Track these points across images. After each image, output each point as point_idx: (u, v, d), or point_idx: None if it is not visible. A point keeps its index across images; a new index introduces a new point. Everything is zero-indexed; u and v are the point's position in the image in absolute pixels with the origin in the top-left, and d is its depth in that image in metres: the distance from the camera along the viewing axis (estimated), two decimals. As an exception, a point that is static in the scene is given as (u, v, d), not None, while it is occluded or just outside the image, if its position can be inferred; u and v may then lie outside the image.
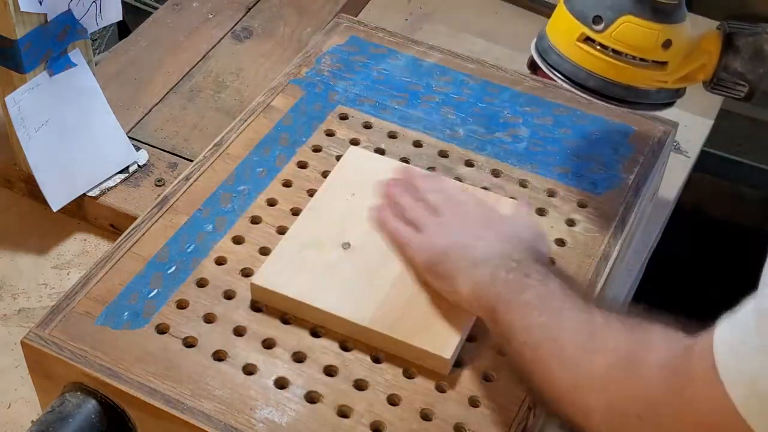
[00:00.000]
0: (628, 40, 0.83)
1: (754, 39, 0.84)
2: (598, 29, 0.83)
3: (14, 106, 0.97)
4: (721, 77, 0.85)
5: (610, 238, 0.90)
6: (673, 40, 0.83)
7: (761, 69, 0.84)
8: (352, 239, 0.85)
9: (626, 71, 0.84)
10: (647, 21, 0.82)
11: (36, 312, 0.99)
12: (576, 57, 0.85)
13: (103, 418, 0.77)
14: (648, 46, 0.83)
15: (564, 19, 0.85)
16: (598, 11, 0.83)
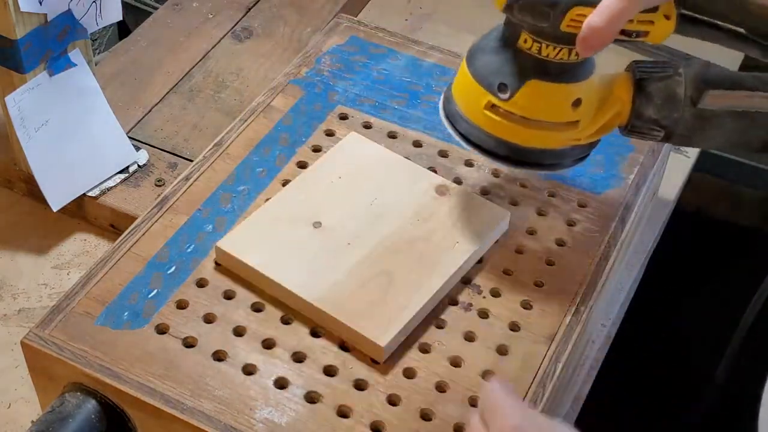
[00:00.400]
0: (535, 105, 0.78)
1: (665, 83, 0.79)
2: (504, 97, 0.78)
3: (14, 106, 0.97)
4: (635, 124, 0.80)
5: (610, 238, 0.90)
6: (583, 98, 0.78)
7: (675, 114, 0.79)
8: (325, 219, 0.86)
9: (537, 136, 0.80)
10: (553, 83, 0.77)
11: (36, 312, 0.99)
12: (485, 124, 0.80)
13: (103, 418, 0.77)
14: (557, 108, 0.79)
15: (469, 85, 0.80)
16: (502, 78, 0.78)
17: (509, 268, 0.87)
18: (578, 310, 0.84)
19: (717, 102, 0.79)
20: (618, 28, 0.72)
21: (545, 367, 0.80)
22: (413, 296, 0.81)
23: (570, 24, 0.73)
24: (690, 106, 0.79)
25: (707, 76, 0.79)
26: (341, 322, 0.79)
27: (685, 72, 0.80)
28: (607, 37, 0.72)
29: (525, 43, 0.77)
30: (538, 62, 0.77)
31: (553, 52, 0.76)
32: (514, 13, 0.74)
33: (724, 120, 0.80)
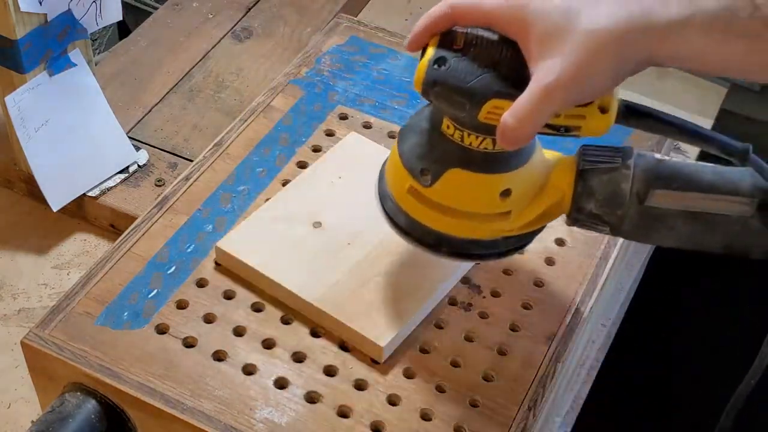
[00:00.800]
0: (458, 195, 0.72)
1: (610, 177, 0.72)
2: (425, 184, 0.72)
3: (14, 106, 0.97)
4: (577, 217, 0.74)
5: (610, 238, 0.90)
6: (513, 188, 0.72)
7: (618, 211, 0.72)
8: (325, 219, 0.86)
9: (462, 225, 0.74)
10: (478, 173, 0.71)
11: (36, 312, 0.99)
12: (409, 209, 0.75)
13: (103, 419, 0.77)
14: (482, 199, 0.72)
15: (396, 165, 0.74)
16: (424, 164, 0.72)
17: (509, 268, 0.87)
18: (578, 310, 0.84)
19: (666, 202, 0.72)
20: (535, 129, 0.66)
21: (545, 367, 0.80)
22: (413, 296, 0.81)
23: (488, 116, 0.67)
24: (637, 203, 0.72)
25: (659, 171, 0.72)
26: (341, 322, 0.79)
27: (636, 164, 0.72)
28: (525, 136, 0.66)
29: (448, 129, 0.71)
30: (461, 150, 0.71)
31: (476, 141, 0.70)
32: (431, 99, 0.69)
33: (675, 221, 0.72)
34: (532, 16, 0.65)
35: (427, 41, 0.69)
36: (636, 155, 0.73)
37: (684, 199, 0.71)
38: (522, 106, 0.64)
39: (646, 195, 0.71)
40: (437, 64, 0.67)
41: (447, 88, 0.67)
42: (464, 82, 0.66)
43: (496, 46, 0.68)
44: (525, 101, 0.64)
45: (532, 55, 0.65)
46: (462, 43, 0.68)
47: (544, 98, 0.64)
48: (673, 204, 0.72)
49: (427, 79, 0.67)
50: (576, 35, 0.63)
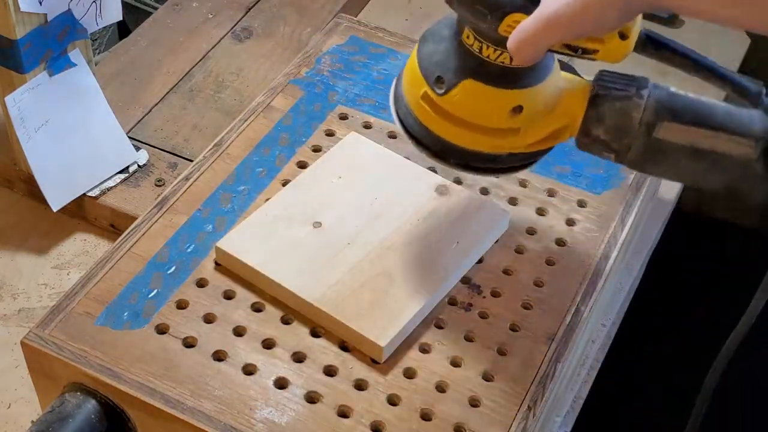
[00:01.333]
0: (470, 106, 0.73)
1: (621, 105, 0.72)
2: (439, 92, 0.73)
3: (14, 106, 0.97)
4: (583, 141, 0.75)
5: (610, 238, 0.90)
6: (525, 106, 0.73)
7: (626, 139, 0.72)
8: (325, 219, 0.86)
9: (471, 137, 0.74)
10: (492, 87, 0.72)
11: (36, 312, 0.99)
12: (421, 115, 0.75)
13: (103, 419, 0.77)
14: (493, 113, 0.73)
15: (413, 69, 0.75)
16: (441, 72, 0.73)
17: (509, 268, 0.87)
18: (578, 310, 0.84)
19: (674, 136, 0.72)
20: (537, 53, 0.67)
21: (545, 367, 0.80)
22: (413, 296, 0.81)
23: (507, 29, 0.68)
24: (644, 134, 0.72)
25: (671, 103, 0.72)
26: (341, 322, 0.79)
27: (650, 95, 0.72)
28: (528, 57, 0.67)
29: (468, 38, 0.72)
30: (478, 62, 0.72)
31: (493, 54, 0.71)
32: (454, 6, 0.69)
33: (680, 156, 0.73)
34: None
35: None
36: (652, 86, 0.73)
37: (690, 134, 0.71)
38: (525, 27, 0.65)
39: (655, 126, 0.71)
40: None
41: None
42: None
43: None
44: (528, 23, 0.65)
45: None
46: None
47: (547, 23, 0.65)
48: (680, 138, 0.72)
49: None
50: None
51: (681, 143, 0.72)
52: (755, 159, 0.71)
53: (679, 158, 0.73)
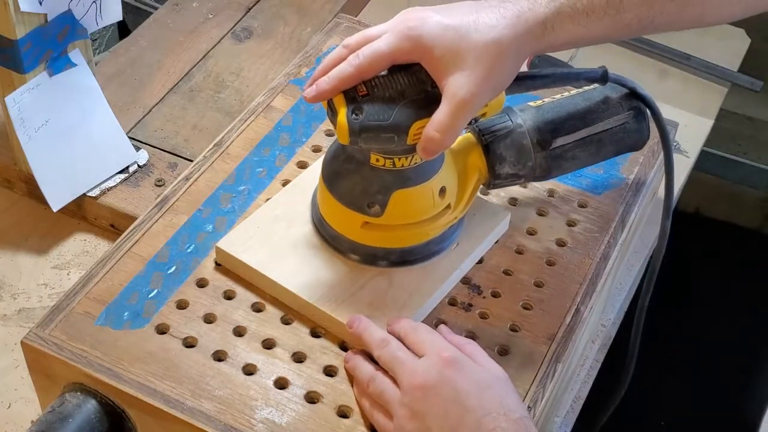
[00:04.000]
0: (408, 211, 0.81)
1: (512, 139, 0.82)
2: (376, 213, 0.80)
3: (14, 106, 0.97)
4: (497, 183, 0.84)
5: (610, 238, 0.90)
6: (447, 184, 0.81)
7: (530, 162, 0.83)
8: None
9: (419, 233, 0.82)
10: (417, 186, 0.79)
11: (36, 312, 0.99)
12: (368, 240, 0.82)
13: (103, 419, 0.77)
14: (427, 205, 0.81)
15: (339, 210, 0.82)
16: (368, 199, 0.80)
17: (509, 269, 0.87)
18: (578, 310, 0.84)
19: (564, 141, 0.84)
20: (457, 136, 0.75)
21: (545, 367, 0.80)
22: (413, 297, 0.81)
23: (415, 138, 0.74)
24: (540, 151, 0.83)
25: (546, 118, 0.83)
26: (341, 322, 0.79)
27: (524, 121, 0.83)
28: (449, 144, 0.74)
29: (377, 161, 0.78)
30: (396, 174, 0.79)
31: (407, 161, 0.78)
32: (360, 145, 0.75)
33: (574, 152, 0.85)
34: (429, 41, 0.73)
35: (331, 97, 0.75)
36: (517, 111, 0.84)
37: (577, 135, 0.84)
38: (443, 119, 0.73)
39: (546, 142, 0.83)
40: (354, 114, 0.74)
41: (373, 131, 0.74)
42: (386, 119, 0.74)
43: (394, 80, 0.75)
44: (445, 115, 0.73)
45: (439, 71, 0.73)
46: (365, 89, 0.75)
47: (462, 109, 0.73)
48: (570, 140, 0.84)
49: (353, 130, 0.74)
50: (474, 50, 0.73)
51: (572, 144, 0.84)
52: (627, 121, 0.86)
53: (576, 154, 0.85)
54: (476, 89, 0.73)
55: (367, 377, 0.75)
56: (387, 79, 0.75)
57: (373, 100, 0.74)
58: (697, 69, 1.32)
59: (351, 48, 0.76)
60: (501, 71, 0.75)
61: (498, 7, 0.75)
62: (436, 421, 0.70)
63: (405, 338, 0.76)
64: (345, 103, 0.74)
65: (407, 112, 0.74)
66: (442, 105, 0.73)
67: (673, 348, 1.78)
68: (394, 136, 0.74)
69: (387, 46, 0.74)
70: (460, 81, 0.73)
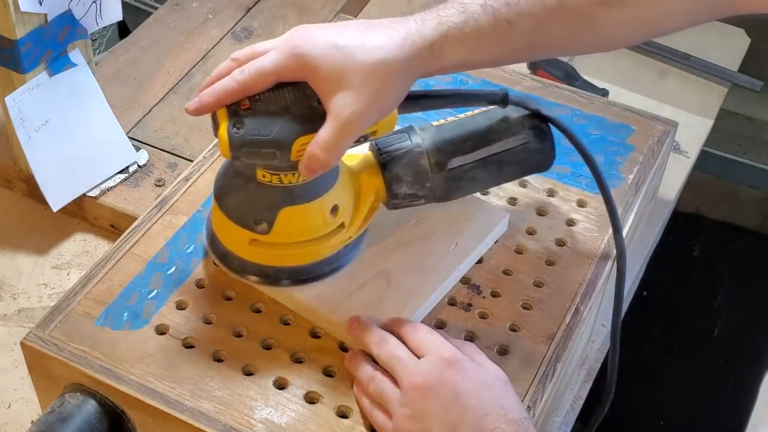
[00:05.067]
0: (296, 229, 0.79)
1: (409, 158, 0.81)
2: (264, 231, 0.78)
3: (14, 106, 0.97)
4: (395, 203, 0.82)
5: (610, 238, 0.90)
6: (339, 203, 0.79)
7: (428, 183, 0.81)
8: None
9: (309, 251, 0.80)
10: (306, 204, 0.78)
11: (36, 312, 0.99)
12: (256, 258, 0.81)
13: (103, 419, 0.77)
14: (318, 224, 0.79)
15: (228, 226, 0.80)
16: (255, 216, 0.78)
17: (509, 268, 0.87)
18: (578, 310, 0.84)
19: (462, 161, 0.82)
20: (342, 155, 0.73)
21: (545, 367, 0.80)
22: (412, 297, 0.81)
23: (298, 154, 0.73)
24: (438, 171, 0.81)
25: (445, 138, 0.82)
26: (340, 323, 0.79)
27: (423, 140, 0.81)
28: (333, 163, 0.73)
29: (264, 177, 0.77)
30: (283, 191, 0.77)
31: (294, 178, 0.76)
32: (242, 160, 0.74)
33: (474, 173, 0.83)
34: (314, 60, 0.72)
35: (215, 110, 0.74)
36: (417, 130, 0.82)
37: (476, 155, 0.82)
38: (328, 137, 0.72)
39: (445, 164, 0.81)
40: (236, 128, 0.72)
41: (254, 145, 0.72)
42: (267, 134, 0.72)
43: (279, 94, 0.73)
44: (329, 133, 0.72)
45: (325, 90, 0.72)
46: (248, 103, 0.73)
47: (347, 128, 0.72)
48: (468, 160, 0.82)
49: (233, 145, 0.72)
50: (360, 70, 0.72)
51: (470, 163, 0.82)
52: (528, 141, 0.83)
53: (475, 175, 0.83)
54: (362, 109, 0.72)
55: (367, 377, 0.75)
56: (272, 93, 0.73)
57: (256, 114, 0.73)
58: (697, 69, 1.32)
59: (239, 62, 0.75)
60: (388, 92, 0.74)
61: (387, 28, 0.74)
62: (436, 421, 0.70)
63: (405, 338, 0.76)
64: (227, 117, 0.73)
65: (290, 127, 0.72)
66: (327, 123, 0.72)
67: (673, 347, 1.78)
68: (276, 152, 0.72)
69: (272, 64, 0.73)
70: (346, 100, 0.71)
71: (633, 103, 1.03)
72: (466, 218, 0.87)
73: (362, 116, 0.72)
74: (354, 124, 0.72)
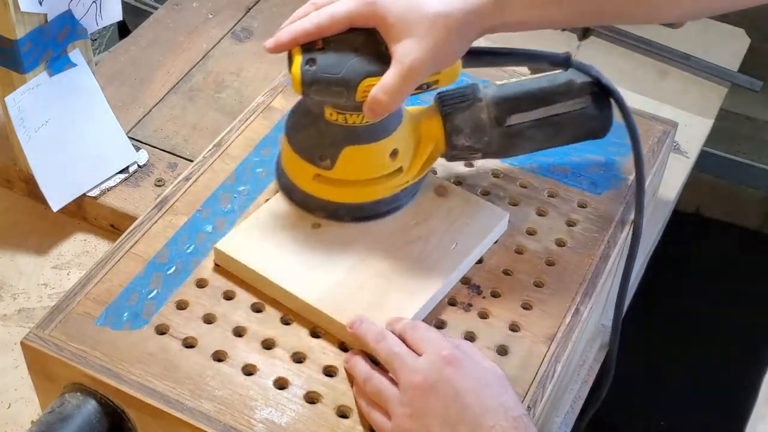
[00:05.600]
0: (357, 168, 0.83)
1: (470, 112, 0.84)
2: (326, 166, 0.82)
3: (14, 106, 0.97)
4: (453, 154, 0.86)
5: (610, 238, 0.90)
6: (399, 147, 0.83)
7: (485, 137, 0.85)
8: (323, 220, 0.87)
9: (369, 191, 0.85)
10: (368, 144, 0.82)
11: (36, 312, 0.99)
12: (319, 192, 0.85)
13: (103, 419, 0.77)
14: (378, 165, 0.83)
15: (295, 160, 0.85)
16: (320, 152, 0.82)
17: (509, 269, 0.87)
18: (578, 310, 0.84)
19: (521, 119, 0.85)
20: (404, 99, 0.78)
21: (545, 367, 0.80)
22: (412, 297, 0.81)
23: (364, 95, 0.77)
24: (496, 126, 0.85)
25: (506, 95, 0.85)
26: (341, 323, 0.79)
27: (484, 96, 0.85)
28: (395, 106, 0.77)
29: (331, 116, 0.81)
30: (348, 130, 0.81)
31: (358, 119, 0.80)
32: (311, 96, 0.78)
33: (531, 131, 0.86)
34: (383, 8, 0.77)
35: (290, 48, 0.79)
36: (482, 87, 0.86)
37: (534, 114, 0.86)
38: (390, 82, 0.76)
39: (503, 118, 0.85)
40: (308, 65, 0.77)
41: (324, 83, 0.77)
42: (337, 73, 0.77)
43: (351, 37, 0.78)
44: (392, 78, 0.76)
45: (391, 37, 0.76)
46: (321, 44, 0.78)
47: (409, 74, 0.76)
48: (526, 118, 0.86)
49: (305, 80, 0.77)
50: (424, 19, 0.76)
51: (528, 121, 0.86)
52: (587, 106, 0.87)
53: (531, 133, 0.86)
54: (424, 57, 0.76)
55: (364, 376, 0.75)
56: (344, 36, 0.78)
57: (328, 53, 0.77)
58: (697, 69, 1.32)
59: (317, 5, 0.79)
60: (449, 43, 0.77)
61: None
62: (437, 420, 0.70)
63: (404, 336, 0.76)
64: (301, 54, 0.77)
65: (358, 68, 0.77)
66: (391, 69, 0.76)
67: (672, 347, 1.78)
68: (344, 91, 0.77)
69: (345, 9, 0.77)
70: (409, 47, 0.76)
71: (633, 103, 1.02)
72: (466, 218, 0.87)
73: (423, 64, 0.76)
74: (415, 70, 0.76)
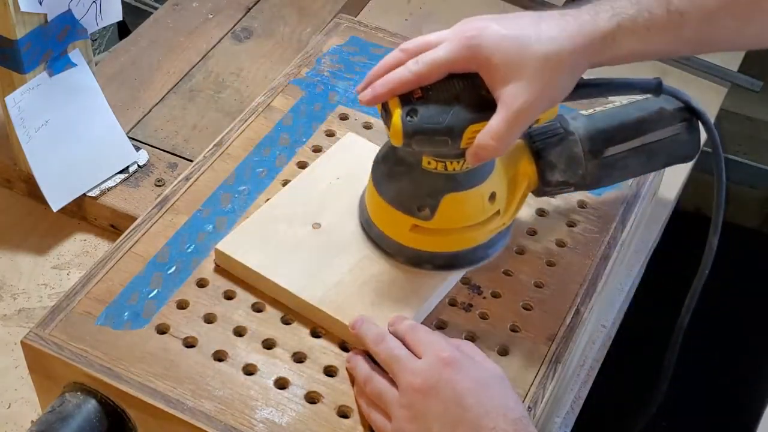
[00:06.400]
0: (457, 215, 0.81)
1: (563, 146, 0.83)
2: (427, 217, 0.80)
3: (14, 106, 0.97)
4: (546, 190, 0.85)
5: (610, 238, 0.90)
6: (497, 189, 0.81)
7: (580, 170, 0.83)
8: (324, 220, 0.86)
9: (468, 238, 0.82)
10: (467, 191, 0.80)
11: (36, 312, 0.99)
12: (416, 244, 0.82)
13: (103, 419, 0.77)
14: (478, 210, 0.81)
15: (388, 212, 0.82)
16: (419, 202, 0.80)
17: (509, 269, 0.87)
18: (578, 311, 0.84)
19: (616, 150, 0.84)
20: (511, 144, 0.75)
21: (545, 367, 0.80)
22: (413, 297, 0.81)
23: (468, 142, 0.74)
24: (591, 159, 0.83)
25: (598, 127, 0.83)
26: (342, 322, 0.79)
27: (576, 129, 0.83)
28: (503, 151, 0.74)
29: (429, 164, 0.78)
30: (447, 178, 0.79)
31: (458, 165, 0.78)
32: (414, 147, 0.75)
33: (626, 161, 0.84)
34: (488, 50, 0.74)
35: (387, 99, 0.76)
36: (569, 119, 0.84)
37: (631, 144, 0.84)
38: (499, 127, 0.73)
39: (598, 150, 0.83)
40: (409, 117, 0.74)
41: (428, 133, 0.74)
42: (440, 122, 0.74)
43: (449, 84, 0.75)
44: (501, 122, 0.73)
45: (496, 80, 0.74)
46: (420, 92, 0.75)
47: (518, 118, 0.73)
48: (623, 148, 0.84)
49: (407, 132, 0.74)
50: (533, 61, 0.73)
51: (625, 153, 0.84)
52: (679, 132, 0.85)
53: (626, 163, 0.85)
54: (533, 100, 0.73)
55: (364, 377, 0.75)
56: (442, 83, 0.75)
57: (428, 102, 0.75)
58: (697, 69, 1.32)
59: (409, 52, 0.76)
60: (558, 83, 0.75)
61: (559, 19, 0.75)
62: (437, 422, 0.70)
63: (404, 338, 0.76)
64: (400, 105, 0.75)
65: (462, 115, 0.74)
66: (498, 113, 0.73)
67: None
68: (448, 140, 0.74)
69: (446, 54, 0.75)
70: (518, 90, 0.73)
71: (633, 103, 1.02)
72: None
73: (533, 106, 0.74)
74: (525, 113, 0.74)
